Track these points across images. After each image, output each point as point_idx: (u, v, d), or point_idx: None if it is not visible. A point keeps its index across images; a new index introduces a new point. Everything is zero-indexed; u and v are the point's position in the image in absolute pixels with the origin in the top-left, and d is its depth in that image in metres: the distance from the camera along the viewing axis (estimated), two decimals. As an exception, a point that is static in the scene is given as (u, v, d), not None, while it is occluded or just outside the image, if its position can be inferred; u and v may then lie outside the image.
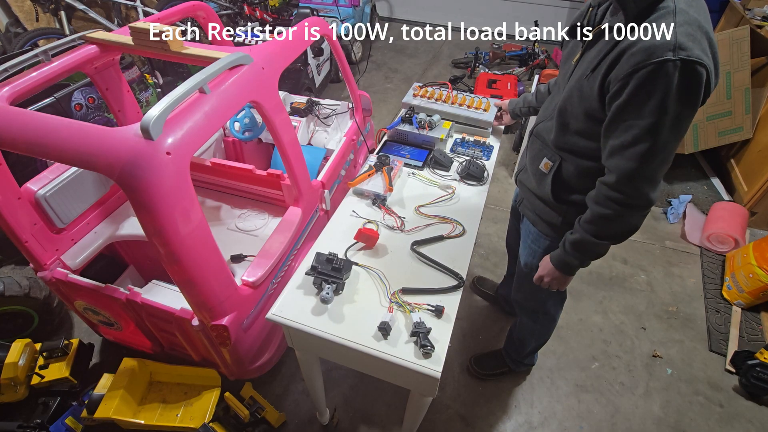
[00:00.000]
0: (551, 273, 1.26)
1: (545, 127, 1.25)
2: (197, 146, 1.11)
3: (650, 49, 0.88)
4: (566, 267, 1.21)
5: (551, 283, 1.29)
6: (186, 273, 1.19)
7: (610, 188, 1.03)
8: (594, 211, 1.09)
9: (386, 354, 1.09)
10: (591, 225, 1.10)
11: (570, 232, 1.17)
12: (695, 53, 0.86)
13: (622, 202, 1.03)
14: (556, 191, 1.23)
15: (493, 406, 1.92)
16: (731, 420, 1.89)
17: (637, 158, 0.97)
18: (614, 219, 1.06)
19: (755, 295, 2.23)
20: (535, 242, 1.41)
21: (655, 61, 0.87)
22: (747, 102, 2.85)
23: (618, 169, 1.00)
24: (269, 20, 3.79)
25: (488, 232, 2.74)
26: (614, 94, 0.96)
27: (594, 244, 1.12)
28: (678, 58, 0.85)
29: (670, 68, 0.86)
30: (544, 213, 1.32)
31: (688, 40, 0.86)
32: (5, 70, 1.31)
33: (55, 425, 1.67)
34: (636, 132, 0.95)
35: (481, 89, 3.62)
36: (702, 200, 2.99)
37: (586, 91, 1.04)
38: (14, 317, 1.93)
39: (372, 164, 1.62)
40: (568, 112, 1.13)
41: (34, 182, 1.57)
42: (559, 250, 1.22)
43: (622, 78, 0.92)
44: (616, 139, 0.99)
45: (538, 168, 1.27)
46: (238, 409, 1.66)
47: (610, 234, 1.10)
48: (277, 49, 1.43)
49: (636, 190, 1.01)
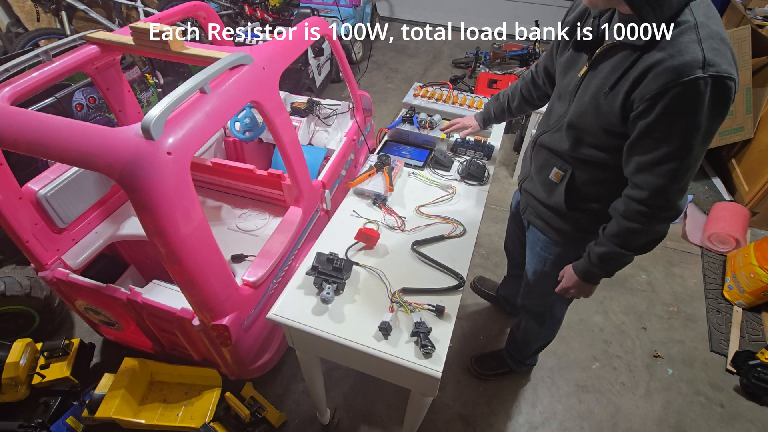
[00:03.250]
0: (576, 284, 1.25)
1: (552, 138, 1.21)
2: (198, 146, 1.11)
3: (679, 68, 0.85)
4: (592, 277, 1.20)
5: (576, 294, 1.29)
6: (187, 273, 1.19)
7: (640, 203, 1.01)
8: (623, 226, 1.06)
9: (387, 354, 1.09)
10: (618, 238, 1.08)
11: (594, 244, 1.16)
12: (724, 68, 0.84)
13: (653, 216, 1.01)
14: (569, 200, 1.21)
15: (494, 406, 1.92)
16: (732, 420, 1.88)
17: (669, 175, 0.95)
18: (643, 231, 1.05)
19: (756, 296, 2.23)
20: (545, 249, 1.39)
21: (686, 80, 0.84)
22: (748, 102, 2.85)
23: (649, 185, 0.98)
24: (270, 20, 3.79)
25: (489, 232, 2.74)
26: (641, 113, 0.93)
27: (621, 255, 1.11)
28: (708, 75, 0.83)
29: (702, 86, 0.84)
30: (554, 221, 1.29)
31: (715, 56, 0.84)
32: (6, 70, 1.31)
33: (56, 425, 1.67)
34: (667, 150, 0.92)
35: (482, 89, 3.62)
36: (703, 200, 2.98)
37: (604, 109, 1.01)
38: (15, 317, 1.94)
39: (372, 164, 1.62)
40: (582, 127, 1.10)
41: (35, 182, 1.57)
42: (583, 262, 1.20)
43: (651, 98, 0.89)
44: (645, 155, 0.97)
45: (548, 178, 1.25)
46: (238, 408, 1.66)
47: (639, 245, 1.08)
48: (277, 49, 1.43)
49: (667, 203, 0.99)
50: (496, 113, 1.58)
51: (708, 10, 0.90)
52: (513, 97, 1.51)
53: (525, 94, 1.47)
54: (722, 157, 3.21)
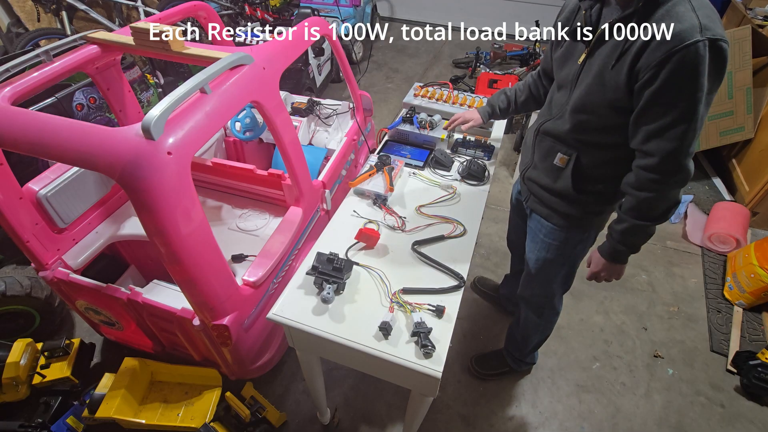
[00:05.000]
0: (605, 267, 1.28)
1: (555, 124, 1.25)
2: (198, 146, 1.11)
3: (679, 34, 0.92)
4: (619, 255, 1.24)
5: (607, 277, 1.31)
6: (187, 273, 1.19)
7: (652, 171, 1.06)
8: (638, 197, 1.11)
9: (387, 354, 1.09)
10: (635, 211, 1.13)
11: (615, 222, 1.20)
12: (718, 32, 0.91)
13: (665, 181, 1.06)
14: (576, 183, 1.25)
15: (494, 406, 1.92)
16: (732, 420, 1.88)
17: (678, 137, 1.00)
18: (658, 199, 1.09)
19: (757, 296, 2.22)
20: (549, 236, 1.42)
21: (687, 43, 0.91)
22: (749, 102, 2.85)
23: (660, 150, 1.03)
24: (270, 20, 3.79)
25: (489, 232, 2.74)
26: (646, 82, 0.98)
27: (643, 227, 1.15)
28: (706, 38, 0.90)
29: (701, 48, 0.91)
30: (560, 206, 1.33)
31: (709, 21, 0.92)
32: (7, 70, 1.31)
33: (56, 425, 1.67)
34: (675, 114, 0.98)
35: (483, 89, 3.61)
36: (703, 200, 2.98)
37: (610, 84, 1.06)
38: (16, 317, 1.94)
39: (373, 164, 1.62)
40: (588, 107, 1.14)
41: (36, 182, 1.57)
42: (607, 243, 1.24)
43: (656, 65, 0.95)
44: (654, 123, 1.02)
45: (553, 164, 1.29)
46: (239, 408, 1.66)
47: (656, 214, 1.12)
48: (277, 49, 1.43)
49: (679, 166, 1.04)
50: (501, 108, 1.60)
51: None
52: (521, 92, 1.55)
53: (533, 90, 1.51)
54: (723, 157, 3.21)
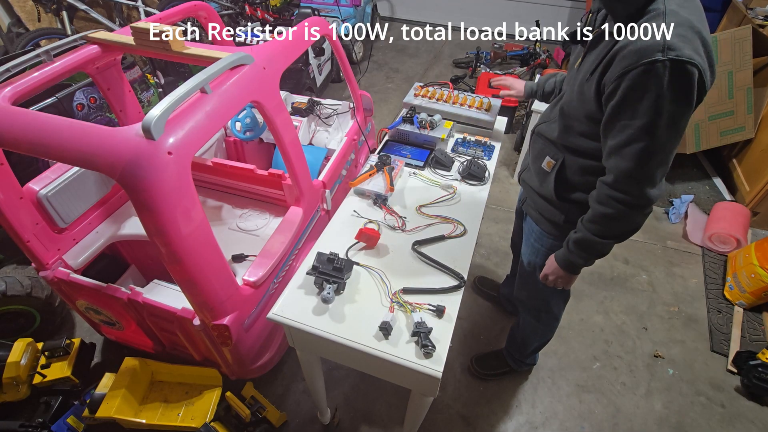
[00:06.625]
0: (556, 272, 1.27)
1: (548, 127, 1.26)
2: (198, 146, 1.11)
3: (640, 51, 0.89)
4: (571, 266, 1.22)
5: (556, 282, 1.30)
6: (187, 273, 1.19)
7: (610, 187, 1.05)
8: (596, 210, 1.10)
9: (387, 354, 1.09)
10: (593, 224, 1.11)
11: (573, 231, 1.18)
12: (686, 53, 0.86)
13: (623, 201, 1.04)
14: (558, 189, 1.25)
15: (495, 406, 1.92)
16: (733, 420, 1.88)
17: (633, 157, 0.98)
18: (616, 218, 1.07)
19: (757, 296, 2.22)
20: (538, 241, 1.42)
21: (645, 62, 0.88)
22: (749, 102, 2.84)
23: (616, 168, 1.02)
24: (270, 20, 3.79)
25: (489, 232, 2.74)
26: (609, 95, 0.98)
27: (597, 243, 1.13)
28: (667, 59, 0.86)
29: (660, 69, 0.87)
30: (546, 211, 1.33)
31: (678, 41, 0.87)
32: (7, 70, 1.32)
33: (56, 424, 1.67)
34: (631, 132, 0.96)
35: (483, 89, 3.61)
36: (704, 200, 2.98)
37: (586, 94, 1.06)
38: (16, 317, 1.94)
39: (373, 164, 1.61)
40: (571, 114, 1.15)
41: (36, 182, 1.57)
42: (563, 249, 1.23)
43: (615, 79, 0.94)
44: (613, 139, 1.01)
45: (541, 167, 1.29)
46: (239, 408, 1.66)
47: (613, 233, 1.11)
48: (278, 49, 1.43)
49: (634, 189, 1.02)
50: (546, 90, 1.56)
51: (684, 1, 0.94)
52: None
53: None
54: (723, 157, 3.21)
